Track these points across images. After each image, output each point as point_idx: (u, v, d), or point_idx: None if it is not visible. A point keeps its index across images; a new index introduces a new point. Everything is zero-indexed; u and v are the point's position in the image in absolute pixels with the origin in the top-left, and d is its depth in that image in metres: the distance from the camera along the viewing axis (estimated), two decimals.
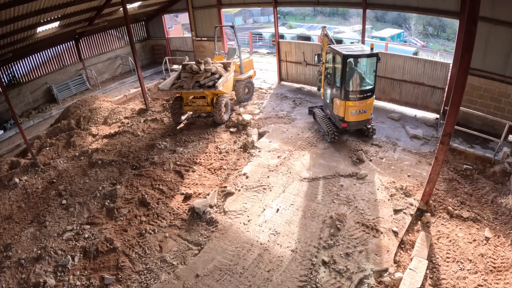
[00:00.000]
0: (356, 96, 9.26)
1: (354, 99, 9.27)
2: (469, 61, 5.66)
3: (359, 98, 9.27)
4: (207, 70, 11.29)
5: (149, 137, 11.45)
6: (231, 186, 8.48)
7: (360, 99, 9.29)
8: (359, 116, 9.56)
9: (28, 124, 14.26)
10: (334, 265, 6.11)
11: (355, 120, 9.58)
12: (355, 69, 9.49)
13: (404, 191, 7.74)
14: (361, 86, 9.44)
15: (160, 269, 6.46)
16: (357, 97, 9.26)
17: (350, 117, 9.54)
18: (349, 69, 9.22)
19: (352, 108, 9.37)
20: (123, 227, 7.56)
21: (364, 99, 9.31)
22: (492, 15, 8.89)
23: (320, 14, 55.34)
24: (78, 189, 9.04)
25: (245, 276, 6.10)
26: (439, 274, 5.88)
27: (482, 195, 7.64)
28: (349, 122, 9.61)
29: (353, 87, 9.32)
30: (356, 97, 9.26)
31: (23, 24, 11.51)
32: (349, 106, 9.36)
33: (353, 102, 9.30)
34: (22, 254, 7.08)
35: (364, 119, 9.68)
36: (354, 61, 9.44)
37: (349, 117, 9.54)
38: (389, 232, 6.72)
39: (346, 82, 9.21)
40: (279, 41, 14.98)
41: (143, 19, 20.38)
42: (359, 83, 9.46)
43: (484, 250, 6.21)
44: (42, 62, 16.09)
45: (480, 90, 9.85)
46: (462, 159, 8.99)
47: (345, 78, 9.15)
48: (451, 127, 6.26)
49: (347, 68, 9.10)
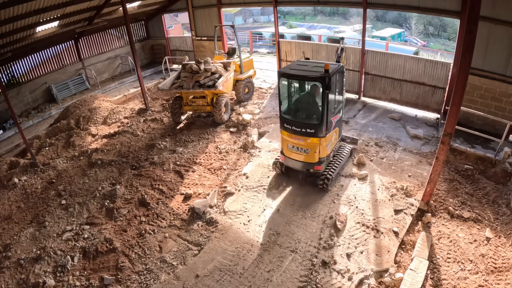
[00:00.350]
0: (290, 127, 7.45)
1: (288, 130, 7.50)
2: (470, 61, 5.65)
3: (294, 131, 7.41)
4: (207, 69, 11.28)
5: (148, 137, 11.45)
6: (231, 186, 8.48)
7: (295, 133, 7.40)
8: (297, 155, 7.67)
9: (28, 124, 14.26)
10: (335, 266, 6.11)
11: (292, 158, 7.81)
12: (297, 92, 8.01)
13: (404, 191, 7.74)
14: (298, 117, 7.68)
15: (160, 270, 6.46)
16: (291, 128, 7.42)
17: (286, 151, 7.86)
18: (284, 90, 7.71)
19: (287, 141, 7.69)
20: (123, 227, 7.56)
21: (301, 134, 7.34)
22: (493, 14, 8.88)
23: (320, 13, 55.37)
24: (78, 189, 9.05)
25: (245, 276, 6.10)
26: (439, 275, 5.88)
27: (483, 195, 7.64)
28: (286, 157, 7.97)
29: (287, 114, 7.71)
30: (290, 128, 7.45)
31: (23, 24, 11.51)
32: (283, 136, 7.76)
33: (288, 133, 7.56)
34: (21, 254, 7.09)
35: (304, 161, 7.67)
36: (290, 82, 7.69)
37: (286, 151, 7.88)
38: (389, 233, 6.72)
39: (281, 104, 7.66)
40: (279, 40, 14.98)
41: (143, 18, 20.37)
42: (296, 112, 7.77)
43: (485, 251, 6.20)
44: (41, 61, 16.09)
45: (481, 90, 9.84)
46: (463, 159, 8.98)
47: (280, 99, 7.62)
48: (452, 127, 6.26)
49: (282, 89, 7.59)
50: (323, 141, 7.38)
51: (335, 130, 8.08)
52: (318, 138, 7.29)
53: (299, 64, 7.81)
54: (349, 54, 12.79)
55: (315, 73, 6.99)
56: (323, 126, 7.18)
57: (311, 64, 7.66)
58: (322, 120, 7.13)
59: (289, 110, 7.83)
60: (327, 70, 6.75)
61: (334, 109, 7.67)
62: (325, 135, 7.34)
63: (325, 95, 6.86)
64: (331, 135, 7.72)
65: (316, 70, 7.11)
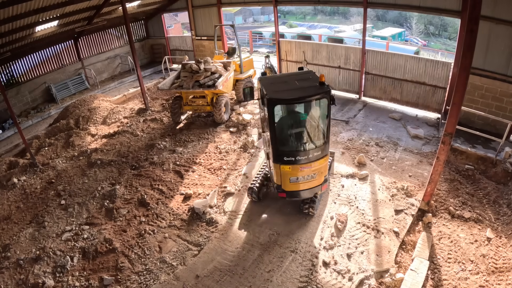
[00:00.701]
0: (293, 159, 6.36)
1: (291, 163, 6.38)
2: (470, 60, 5.65)
3: (298, 161, 6.37)
4: (207, 69, 11.28)
5: (148, 137, 11.45)
6: (231, 186, 8.48)
7: (301, 163, 6.39)
8: (304, 184, 6.67)
9: (27, 124, 14.26)
10: (335, 266, 6.12)
11: (298, 189, 6.74)
12: (294, 117, 6.76)
13: (405, 192, 7.74)
14: (302, 144, 6.57)
15: (160, 270, 6.47)
16: (295, 160, 6.35)
17: (288, 185, 6.69)
18: (280, 118, 6.52)
19: (290, 174, 6.53)
20: (122, 228, 7.56)
21: (309, 162, 6.41)
22: (494, 14, 8.88)
23: (320, 13, 55.36)
24: (77, 189, 9.05)
25: (245, 277, 6.10)
26: (440, 275, 5.89)
27: (483, 195, 7.64)
28: (288, 192, 6.82)
29: (286, 146, 6.54)
30: (293, 161, 6.36)
31: (22, 23, 11.52)
32: (285, 172, 6.54)
33: (291, 167, 6.42)
34: (20, 254, 7.09)
35: (312, 186, 6.74)
36: (288, 107, 6.60)
37: (287, 185, 6.69)
38: (390, 233, 6.72)
39: (277, 138, 6.36)
40: (280, 40, 14.98)
41: (143, 18, 20.37)
42: (298, 139, 6.63)
43: (485, 251, 6.20)
44: (40, 61, 16.09)
45: (481, 90, 9.84)
46: (464, 159, 8.98)
47: (275, 132, 6.26)
48: (452, 127, 6.26)
49: (277, 118, 6.29)
50: (327, 157, 6.75)
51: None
52: (324, 157, 6.58)
53: (275, 82, 6.76)
54: (349, 53, 12.80)
55: (312, 89, 6.14)
56: (328, 143, 6.60)
57: (291, 79, 6.75)
58: (328, 138, 6.51)
59: (288, 141, 6.64)
60: (323, 82, 6.06)
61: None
62: (328, 151, 6.76)
63: (330, 110, 6.21)
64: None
65: (308, 85, 6.27)
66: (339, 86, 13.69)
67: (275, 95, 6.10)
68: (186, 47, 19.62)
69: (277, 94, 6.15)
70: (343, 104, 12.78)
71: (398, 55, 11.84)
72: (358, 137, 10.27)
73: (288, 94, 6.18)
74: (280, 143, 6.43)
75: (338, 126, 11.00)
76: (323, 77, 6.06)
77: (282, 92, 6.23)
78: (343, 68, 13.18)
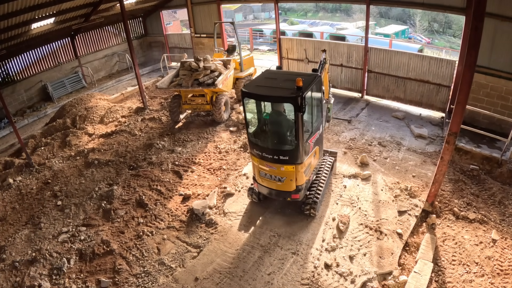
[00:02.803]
0: (260, 153, 6.51)
1: (259, 156, 6.55)
2: (475, 58, 5.65)
3: (264, 158, 6.48)
4: (206, 67, 11.28)
5: (146, 136, 11.45)
6: (231, 186, 8.48)
7: (267, 160, 6.47)
8: (271, 183, 6.75)
9: (23, 123, 14.28)
10: (337, 268, 6.11)
11: (265, 185, 6.90)
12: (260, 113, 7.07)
13: (408, 192, 7.74)
14: (269, 141, 6.78)
15: (158, 272, 6.46)
16: (261, 154, 6.49)
17: (259, 178, 6.94)
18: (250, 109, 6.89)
19: (260, 168, 6.72)
20: (120, 229, 7.56)
21: (275, 162, 6.42)
22: (499, 11, 8.87)
23: (322, 10, 55.41)
24: (74, 189, 9.05)
25: (245, 279, 6.10)
26: (444, 277, 5.88)
27: (489, 196, 7.63)
28: (259, 184, 7.06)
29: (255, 137, 6.79)
30: (260, 155, 6.51)
31: (18, 21, 11.51)
32: (254, 162, 6.87)
33: (259, 160, 6.61)
34: (16, 256, 7.09)
35: (280, 189, 6.75)
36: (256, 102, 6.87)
37: (258, 177, 6.97)
38: (393, 234, 6.72)
39: (249, 128, 6.76)
40: (280, 37, 14.98)
41: (141, 15, 20.38)
42: (266, 135, 6.88)
43: (491, 253, 6.20)
44: (37, 59, 16.11)
45: (487, 88, 9.84)
46: (469, 159, 8.98)
47: (246, 120, 6.71)
48: (457, 126, 6.25)
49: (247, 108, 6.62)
50: (300, 168, 6.44)
51: (315, 150, 7.17)
52: (293, 165, 6.38)
53: (267, 77, 6.80)
54: (352, 51, 12.80)
55: (284, 91, 5.97)
56: (299, 152, 6.26)
57: (281, 77, 6.69)
58: (297, 146, 6.20)
59: (258, 133, 6.89)
60: (300, 87, 5.69)
61: (312, 128, 6.78)
62: (302, 161, 6.40)
63: (298, 118, 5.86)
64: (309, 159, 6.80)
65: (286, 86, 6.07)
66: (341, 85, 13.69)
67: (248, 88, 6.31)
68: (185, 44, 19.63)
69: (250, 87, 6.37)
70: (345, 103, 12.78)
71: (401, 53, 11.83)
72: (361, 136, 10.27)
73: (256, 91, 6.28)
74: (249, 133, 6.76)
75: (340, 125, 11.00)
76: (300, 81, 5.70)
77: (256, 88, 6.36)
78: (346, 66, 13.18)
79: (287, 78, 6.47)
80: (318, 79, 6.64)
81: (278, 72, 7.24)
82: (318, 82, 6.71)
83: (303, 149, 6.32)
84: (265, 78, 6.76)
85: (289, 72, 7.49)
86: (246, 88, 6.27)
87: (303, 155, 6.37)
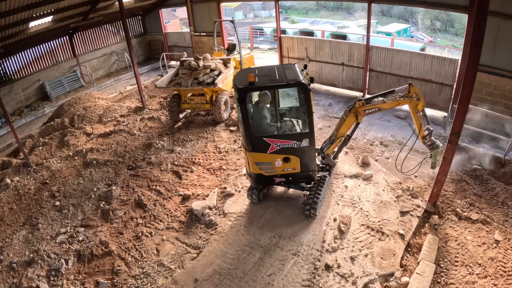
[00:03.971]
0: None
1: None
2: (478, 57, 5.64)
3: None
4: (206, 66, 11.28)
5: (145, 136, 11.46)
6: (231, 187, 8.48)
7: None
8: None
9: (20, 122, 14.28)
10: (338, 269, 6.11)
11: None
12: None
13: (410, 192, 7.74)
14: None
15: (157, 274, 6.47)
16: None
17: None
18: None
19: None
20: (119, 230, 7.57)
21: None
22: (503, 9, 8.87)
23: (323, 8, 55.38)
24: (72, 190, 9.05)
25: (245, 280, 6.10)
26: (447, 279, 5.88)
27: (492, 196, 7.63)
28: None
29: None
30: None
31: (15, 19, 11.51)
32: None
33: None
34: (13, 257, 7.10)
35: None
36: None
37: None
38: (395, 235, 6.71)
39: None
40: (281, 36, 14.97)
41: (140, 13, 20.36)
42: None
43: (494, 254, 6.20)
44: (34, 58, 16.09)
45: (489, 88, 9.83)
46: (471, 159, 8.97)
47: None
48: (459, 126, 6.25)
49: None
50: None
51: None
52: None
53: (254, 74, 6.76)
54: (353, 50, 12.79)
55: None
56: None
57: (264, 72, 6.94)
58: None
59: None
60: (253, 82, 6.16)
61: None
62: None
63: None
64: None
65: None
66: (342, 84, 13.70)
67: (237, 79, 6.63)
68: (185, 43, 19.61)
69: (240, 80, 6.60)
70: (347, 102, 12.75)
71: (403, 52, 11.82)
72: (362, 136, 10.27)
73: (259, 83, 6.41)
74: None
75: None
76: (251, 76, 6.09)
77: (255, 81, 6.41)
78: (347, 65, 13.17)
79: (272, 70, 6.78)
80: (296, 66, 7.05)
81: (254, 69, 7.51)
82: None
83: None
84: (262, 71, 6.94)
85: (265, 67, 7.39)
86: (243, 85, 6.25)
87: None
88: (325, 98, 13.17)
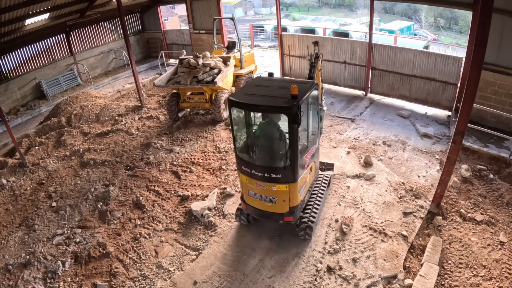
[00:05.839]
0: (249, 171, 5.97)
1: (247, 173, 6.03)
2: (483, 55, 5.64)
3: (254, 176, 5.94)
4: (205, 64, 11.28)
5: (144, 135, 11.46)
6: (231, 187, 8.48)
7: (258, 178, 5.93)
8: (262, 203, 6.21)
9: (16, 121, 14.30)
10: (340, 271, 6.11)
11: (255, 206, 6.36)
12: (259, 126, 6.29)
13: (414, 193, 7.74)
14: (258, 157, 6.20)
15: (156, 276, 6.47)
16: (251, 172, 5.96)
17: (248, 199, 6.42)
18: (238, 120, 6.24)
19: (249, 187, 6.20)
20: (117, 231, 7.57)
21: (266, 180, 5.88)
22: (507, 6, 8.85)
23: (325, 5, 55.41)
24: (69, 190, 9.06)
25: (245, 282, 6.10)
26: (451, 281, 5.87)
27: (496, 197, 7.62)
28: (248, 205, 6.53)
29: (244, 153, 6.25)
30: (249, 172, 5.98)
31: (11, 16, 11.52)
32: (243, 180, 6.31)
33: (248, 178, 6.09)
34: (9, 259, 7.10)
35: (270, 211, 6.24)
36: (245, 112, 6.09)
37: (247, 198, 6.44)
38: (398, 236, 6.71)
39: (235, 140, 6.23)
40: (282, 34, 14.97)
41: (138, 10, 20.37)
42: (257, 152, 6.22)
43: (499, 255, 6.19)
44: (31, 56, 16.12)
45: (494, 86, 9.82)
46: (476, 159, 8.97)
47: (233, 133, 6.14)
48: (464, 125, 6.25)
49: (235, 119, 6.07)
50: (294, 187, 5.91)
51: (311, 165, 6.69)
52: (286, 184, 5.85)
53: (258, 85, 6.28)
54: (355, 48, 12.79)
55: (278, 100, 5.50)
56: (293, 170, 5.76)
57: (274, 85, 6.23)
58: (292, 163, 5.70)
59: (247, 148, 6.34)
60: (295, 95, 5.19)
61: (308, 142, 6.29)
62: (296, 179, 5.87)
63: (294, 131, 5.36)
64: (304, 176, 6.27)
65: (279, 95, 5.60)
66: (344, 82, 13.69)
67: (236, 97, 5.78)
68: (184, 41, 19.61)
69: (238, 96, 5.83)
70: (349, 101, 12.78)
71: (406, 50, 11.82)
72: (365, 135, 10.27)
73: (247, 99, 5.72)
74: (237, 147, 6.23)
75: (343, 124, 11.00)
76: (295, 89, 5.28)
77: (247, 96, 5.79)
78: (349, 63, 13.17)
79: (281, 86, 6.06)
80: (314, 87, 6.17)
81: (270, 80, 6.64)
82: (315, 90, 6.24)
83: (297, 166, 5.78)
84: (256, 86, 6.23)
85: (283, 79, 6.88)
86: (234, 96, 5.75)
87: (297, 173, 5.84)
88: (326, 97, 13.16)
